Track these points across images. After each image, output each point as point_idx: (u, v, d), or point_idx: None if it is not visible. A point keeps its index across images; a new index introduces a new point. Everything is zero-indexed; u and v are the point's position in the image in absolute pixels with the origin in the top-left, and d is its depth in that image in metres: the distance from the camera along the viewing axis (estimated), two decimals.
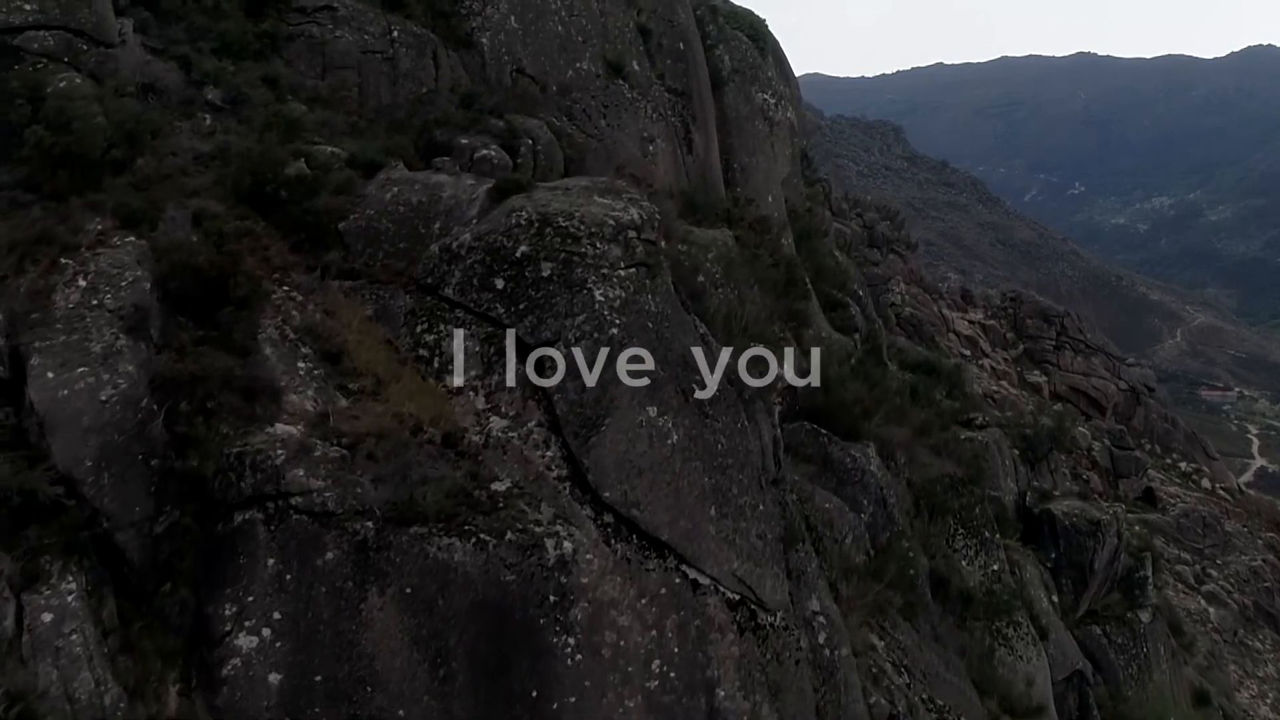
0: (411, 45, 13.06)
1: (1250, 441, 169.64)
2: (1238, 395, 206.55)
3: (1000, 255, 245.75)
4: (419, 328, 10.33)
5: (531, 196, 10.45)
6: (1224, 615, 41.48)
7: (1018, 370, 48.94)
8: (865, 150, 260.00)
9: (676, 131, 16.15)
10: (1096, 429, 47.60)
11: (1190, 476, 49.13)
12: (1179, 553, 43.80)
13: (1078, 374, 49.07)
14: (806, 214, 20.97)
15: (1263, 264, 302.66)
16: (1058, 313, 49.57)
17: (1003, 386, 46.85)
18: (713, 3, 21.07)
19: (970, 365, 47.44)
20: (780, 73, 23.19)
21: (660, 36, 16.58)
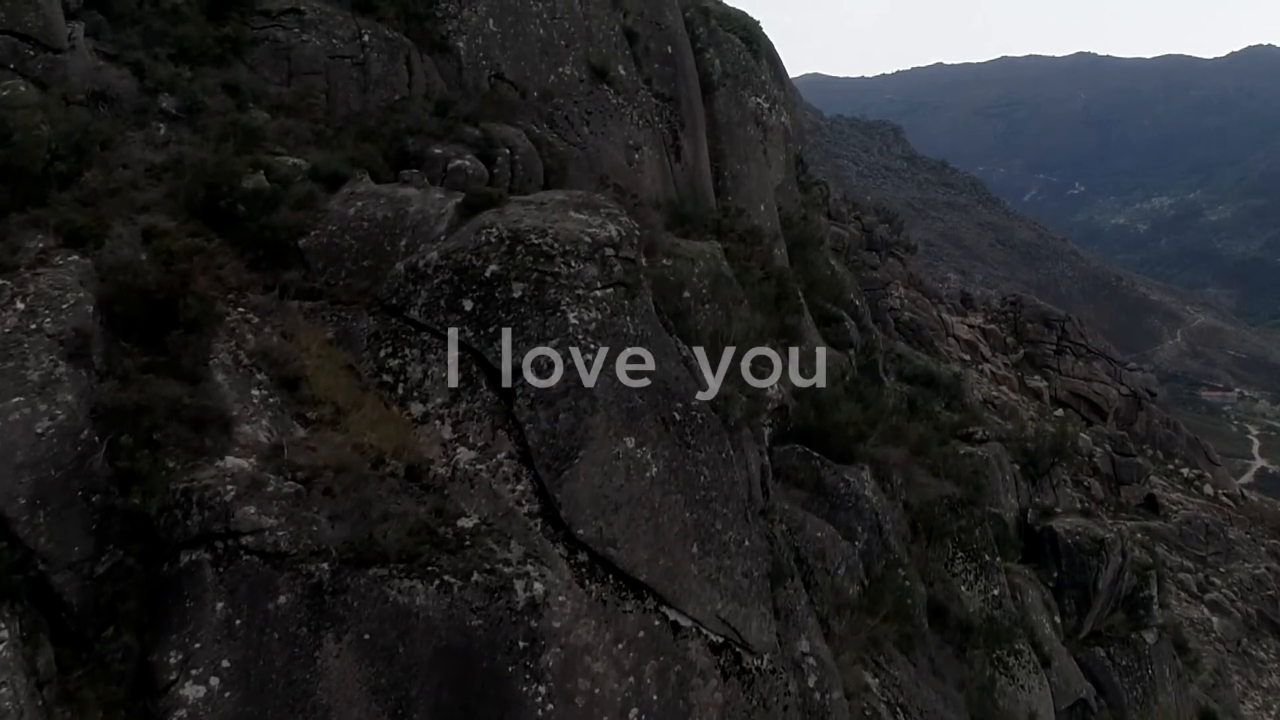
0: (383, 50, 12.42)
1: (1251, 442, 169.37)
2: (1238, 396, 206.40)
3: (1000, 255, 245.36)
4: (382, 351, 9.70)
5: (503, 212, 9.82)
6: (1227, 625, 40.85)
7: (1018, 375, 48.30)
8: (865, 150, 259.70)
9: (664, 138, 15.49)
10: (1098, 435, 46.94)
11: (1192, 482, 48.49)
12: (1181, 560, 43.17)
13: (1079, 379, 48.42)
14: (801, 222, 20.33)
15: (1263, 264, 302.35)
16: (1058, 317, 48.92)
17: (1003, 392, 46.20)
18: (704, 4, 20.43)
19: (970, 370, 46.82)
20: (774, 76, 22.55)
21: (647, 40, 15.90)
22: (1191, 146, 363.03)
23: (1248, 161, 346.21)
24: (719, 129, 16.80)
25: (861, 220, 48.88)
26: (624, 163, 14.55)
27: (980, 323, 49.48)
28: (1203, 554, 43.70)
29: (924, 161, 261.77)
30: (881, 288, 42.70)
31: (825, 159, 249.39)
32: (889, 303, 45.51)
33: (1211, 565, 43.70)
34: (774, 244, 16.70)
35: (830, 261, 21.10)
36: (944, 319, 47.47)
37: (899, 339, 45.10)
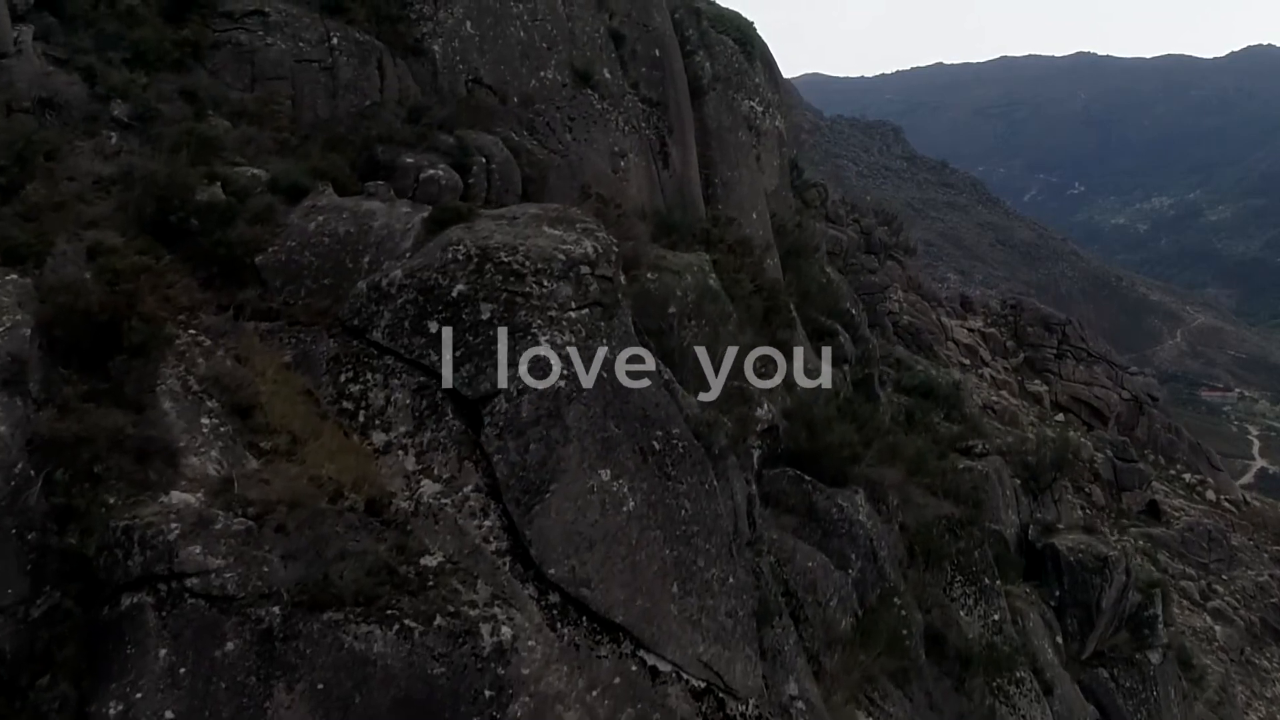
0: (353, 53, 11.80)
1: (1251, 443, 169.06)
2: (1238, 396, 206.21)
3: (1000, 256, 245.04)
4: (343, 376, 9.09)
5: (472, 227, 9.21)
6: (1230, 634, 40.23)
7: (1018, 379, 47.68)
8: (865, 150, 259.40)
9: (651, 145, 14.82)
10: (1099, 440, 46.32)
11: (1195, 488, 47.88)
12: (1184, 568, 42.56)
13: (1079, 383, 47.79)
14: (796, 229, 19.70)
15: (1263, 264, 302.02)
16: (1059, 320, 48.29)
17: (1003, 397, 45.59)
18: (696, 5, 19.80)
19: (970, 375, 46.20)
20: (769, 78, 21.92)
21: (634, 42, 15.24)
22: (1191, 146, 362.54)
23: (1248, 161, 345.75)
24: (709, 135, 16.12)
25: (860, 223, 48.24)
26: (608, 171, 13.90)
27: (980, 326, 48.85)
28: (1205, 561, 43.08)
29: (924, 162, 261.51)
30: (880, 291, 42.09)
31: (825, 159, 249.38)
32: (888, 306, 44.90)
33: (1214, 572, 43.09)
34: (766, 254, 16.00)
35: (826, 269, 20.49)
36: (943, 322, 46.85)
37: (898, 343, 44.50)
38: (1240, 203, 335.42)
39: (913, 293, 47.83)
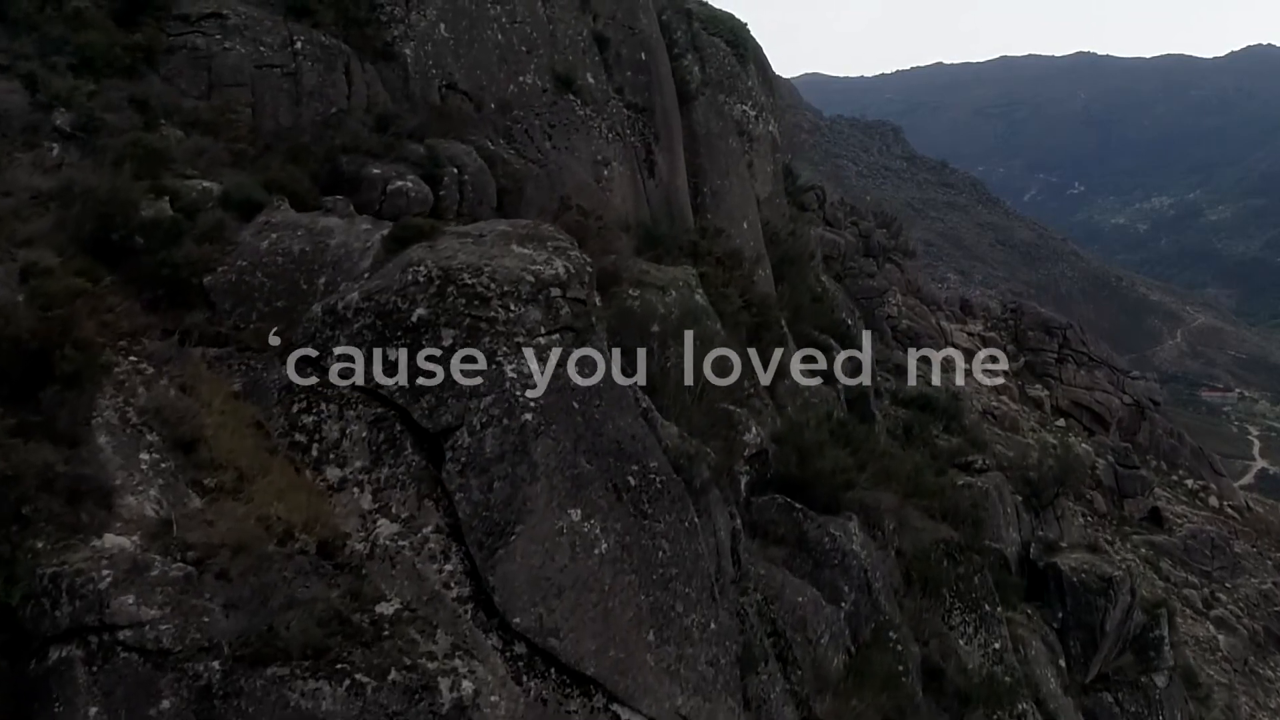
0: (318, 58, 11.15)
1: (1251, 443, 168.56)
2: (1238, 396, 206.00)
3: (1000, 256, 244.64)
4: (295, 407, 8.45)
5: (435, 246, 8.57)
6: (1234, 643, 39.56)
7: (1018, 384, 46.98)
8: (864, 150, 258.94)
9: (636, 153, 14.15)
10: (1100, 445, 45.70)
11: (1197, 494, 47.24)
12: (1186, 576, 41.92)
13: (1080, 388, 47.13)
14: (790, 237, 19.05)
15: (1263, 264, 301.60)
16: (1060, 324, 47.63)
17: (1003, 402, 44.93)
18: (687, 6, 19.15)
19: (970, 380, 45.57)
20: (762, 81, 21.27)
21: (619, 45, 14.56)
22: (1191, 146, 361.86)
23: (1248, 161, 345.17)
24: (698, 141, 15.44)
25: (859, 226, 47.58)
26: (590, 180, 13.23)
27: (980, 330, 48.18)
28: (1208, 569, 42.43)
29: (924, 162, 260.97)
30: (878, 296, 41.44)
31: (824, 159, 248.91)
32: (886, 310, 44.25)
33: (1217, 580, 42.45)
34: (756, 266, 15.32)
35: (821, 278, 19.85)
36: (943, 326, 46.18)
37: (896, 348, 43.87)
38: (1240, 203, 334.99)
39: (912, 296, 47.17)
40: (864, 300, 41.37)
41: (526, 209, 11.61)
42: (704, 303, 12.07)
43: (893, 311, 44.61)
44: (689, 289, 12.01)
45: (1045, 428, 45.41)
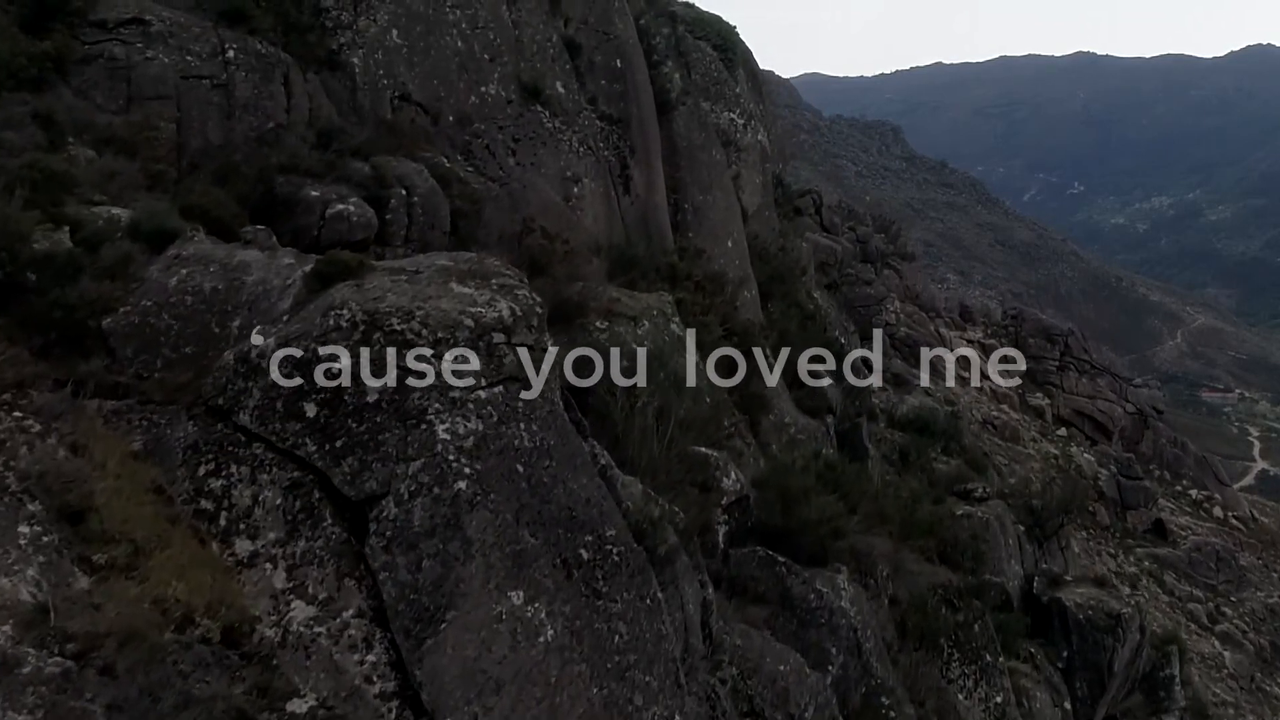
0: (254, 68, 10.07)
1: (1251, 444, 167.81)
2: (1238, 397, 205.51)
3: (999, 256, 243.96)
4: (202, 469, 7.40)
5: (363, 285, 7.52)
6: (1240, 659, 38.52)
7: (1019, 392, 45.96)
8: (864, 150, 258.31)
9: (610, 168, 13.07)
10: (1103, 455, 44.66)
11: (1201, 505, 46.20)
12: (1191, 590, 40.88)
13: (1082, 396, 46.09)
14: (779, 253, 17.95)
15: (1262, 264, 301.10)
16: (1061, 331, 46.57)
17: (1003, 411, 43.90)
18: (672, 8, 18.09)
19: (969, 388, 44.53)
20: (752, 88, 20.22)
21: (592, 52, 13.46)
22: (1191, 146, 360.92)
23: (1247, 161, 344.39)
24: (678, 154, 14.33)
25: (856, 231, 46.51)
26: (558, 199, 12.14)
27: (980, 337, 47.14)
28: (1213, 582, 41.40)
29: (923, 162, 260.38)
30: (876, 304, 40.38)
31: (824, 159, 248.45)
32: (885, 317, 43.21)
33: (1222, 594, 41.41)
34: (740, 288, 14.19)
35: (813, 294, 18.79)
36: (942, 334, 45.14)
37: (895, 356, 42.85)
38: (1240, 203, 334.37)
39: (910, 303, 46.13)
40: (861, 308, 40.33)
41: (485, 232, 10.56)
42: (680, 333, 11.02)
43: (891, 319, 43.58)
44: (664, 318, 10.97)
45: (1046, 437, 44.39)
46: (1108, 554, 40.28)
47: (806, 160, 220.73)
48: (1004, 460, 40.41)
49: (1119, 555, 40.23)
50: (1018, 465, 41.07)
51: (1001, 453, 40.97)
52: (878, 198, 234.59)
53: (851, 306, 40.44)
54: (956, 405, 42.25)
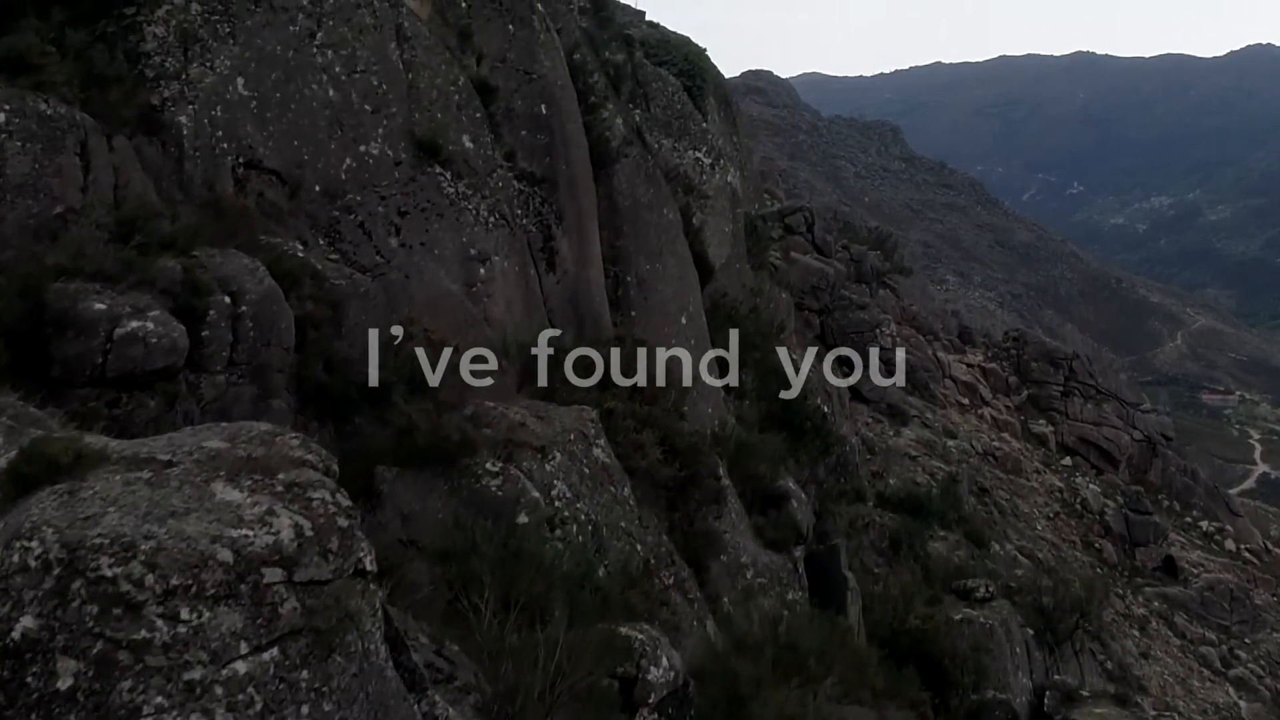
0: (34, 136, 7.56)
1: (1252, 447, 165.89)
2: (1239, 399, 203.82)
3: (999, 257, 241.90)
4: None
5: (77, 493, 5.03)
6: (1256, 708, 35.99)
7: (1021, 419, 43.49)
8: (863, 151, 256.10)
9: (530, 240, 10.53)
10: (1109, 486, 42.18)
11: (1212, 537, 43.75)
12: (1203, 632, 38.41)
13: (1088, 423, 43.58)
14: (751, 315, 15.35)
15: (1262, 264, 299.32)
16: (1065, 355, 44.06)
17: (1004, 440, 41.41)
18: (628, 31, 15.59)
19: (969, 415, 42.05)
20: (724, 118, 17.72)
21: (510, 96, 10.87)
22: (1191, 146, 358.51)
23: (1247, 161, 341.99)
24: (620, 216, 11.70)
25: (850, 250, 44.00)
26: (456, 286, 9.59)
27: (980, 361, 44.63)
28: (1227, 623, 38.94)
29: (922, 162, 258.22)
30: (870, 330, 37.87)
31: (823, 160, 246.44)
32: (880, 341, 40.68)
33: (1236, 636, 38.95)
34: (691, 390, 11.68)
35: (792, 355, 16.26)
36: (940, 358, 42.65)
37: (889, 382, 40.34)
38: (1240, 202, 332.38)
39: (907, 325, 43.62)
40: (854, 334, 37.88)
41: (349, 340, 8.07)
42: (608, 460, 8.55)
43: (887, 343, 41.04)
44: (585, 443, 8.50)
45: (1050, 468, 41.94)
46: (1115, 594, 37.79)
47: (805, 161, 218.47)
48: (1005, 496, 37.97)
49: (1127, 595, 37.78)
50: (1020, 500, 38.64)
51: (1003, 487, 38.52)
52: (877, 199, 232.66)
53: (844, 333, 37.97)
54: (957, 435, 39.82)
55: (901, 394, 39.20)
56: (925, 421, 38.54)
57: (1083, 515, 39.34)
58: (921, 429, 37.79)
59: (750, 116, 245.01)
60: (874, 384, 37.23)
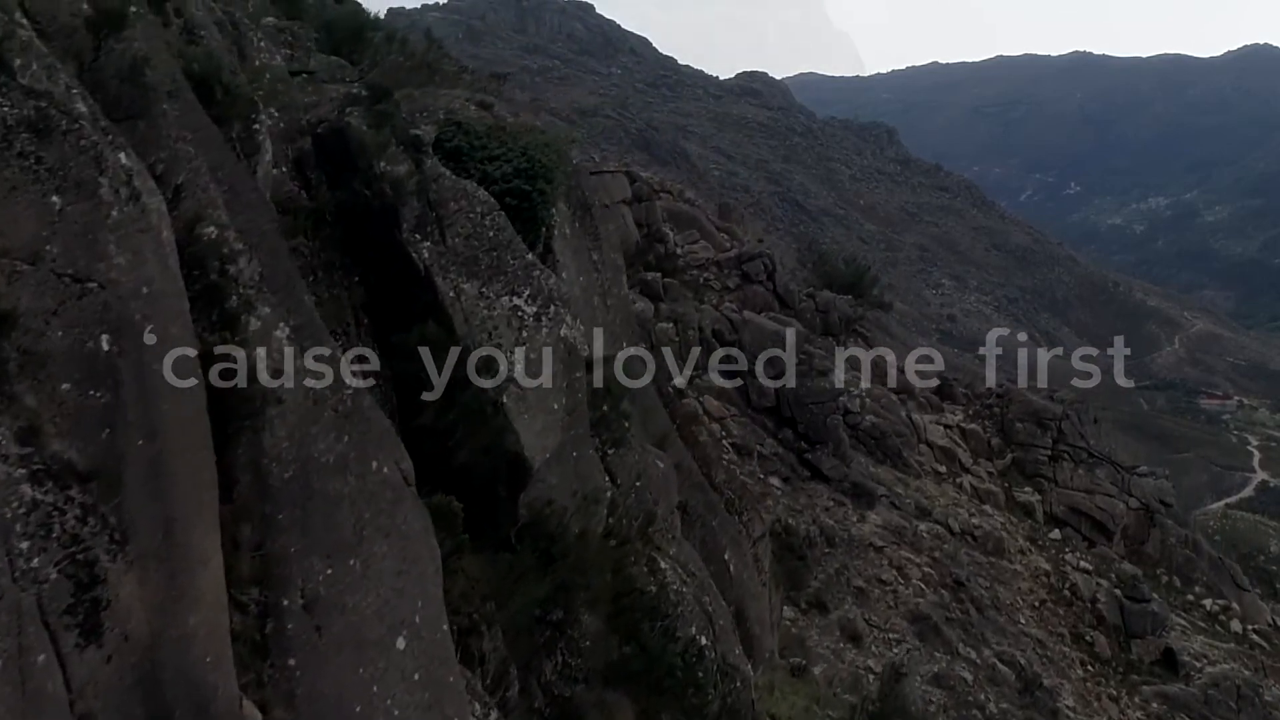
0: None
1: (1251, 454, 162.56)
2: (1237, 404, 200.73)
3: (995, 261, 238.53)
4: None
5: None
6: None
7: (1005, 487, 38.70)
8: (858, 154, 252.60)
9: (42, 599, 5.77)
10: (1103, 561, 37.39)
11: (1216, 617, 39.04)
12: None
13: (1079, 491, 38.78)
14: (586, 533, 10.55)
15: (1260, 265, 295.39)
16: (1054, 415, 39.23)
17: (985, 514, 36.60)
18: (416, 131, 10.97)
19: (947, 486, 37.27)
20: (581, 232, 13.00)
21: (41, 326, 6.13)
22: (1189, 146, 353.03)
23: (1245, 161, 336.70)
24: (270, 496, 6.50)
25: (815, 299, 39.17)
26: None
27: (960, 421, 39.80)
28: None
29: (918, 164, 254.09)
30: (832, 400, 33.10)
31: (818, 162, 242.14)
32: (847, 404, 35.95)
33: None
34: None
35: (661, 564, 11.55)
36: (914, 420, 37.84)
37: (859, 451, 35.64)
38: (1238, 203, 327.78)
39: (878, 382, 38.82)
40: (814, 405, 33.12)
41: None
42: None
43: (855, 406, 36.30)
44: None
45: (1036, 544, 37.17)
46: (1108, 696, 33.07)
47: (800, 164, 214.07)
48: (985, 584, 33.18)
49: (1121, 697, 33.03)
50: (1001, 588, 33.87)
51: (982, 573, 33.72)
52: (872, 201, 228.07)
53: (802, 404, 33.23)
54: (931, 512, 35.06)
55: (868, 468, 34.48)
56: (895, 500, 33.78)
57: (1072, 603, 34.59)
58: (890, 511, 33.05)
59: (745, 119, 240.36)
60: (834, 461, 32.54)
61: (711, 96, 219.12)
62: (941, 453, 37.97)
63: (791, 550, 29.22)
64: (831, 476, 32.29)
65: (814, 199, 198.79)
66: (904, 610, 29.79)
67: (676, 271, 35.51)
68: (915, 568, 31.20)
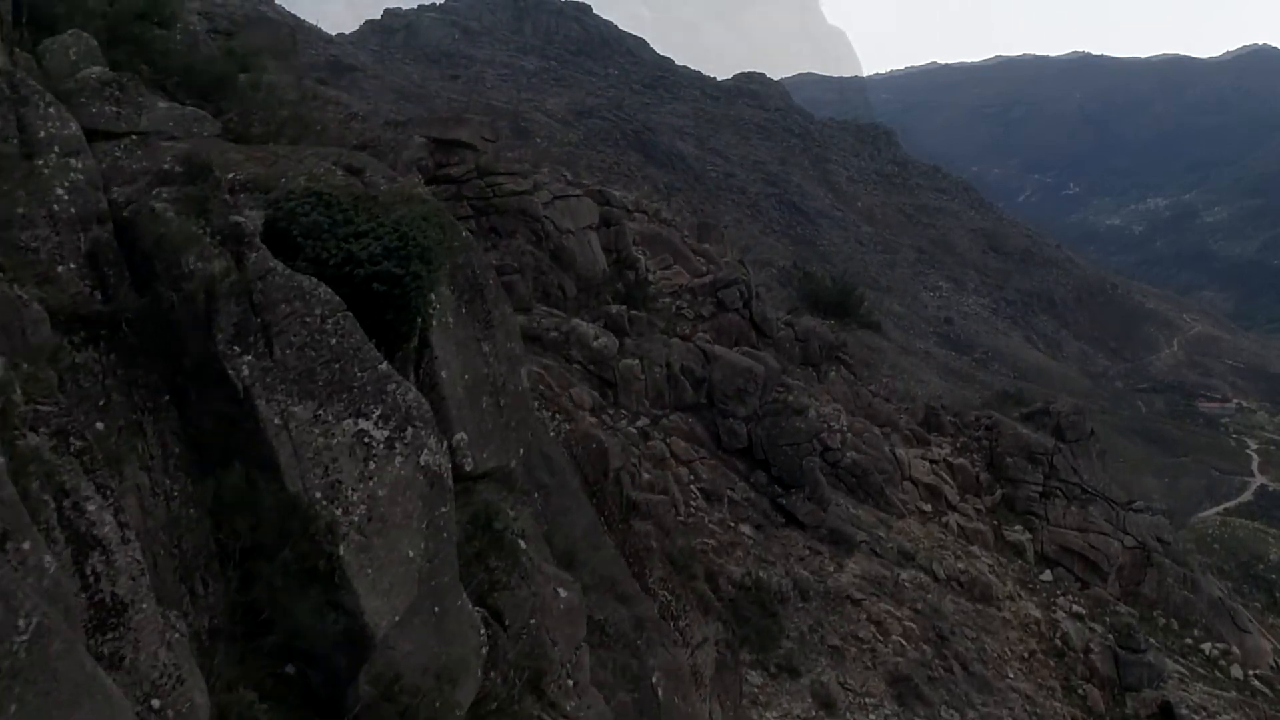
0: None
1: (1250, 458, 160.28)
2: (1236, 407, 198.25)
3: (993, 262, 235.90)
4: None
5: None
6: None
7: (993, 525, 36.49)
8: (855, 155, 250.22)
9: None
10: (1096, 604, 35.20)
11: (1216, 662, 36.92)
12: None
13: (1071, 529, 36.56)
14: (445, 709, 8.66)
15: (1260, 266, 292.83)
16: (1045, 450, 37.01)
17: (972, 557, 34.40)
18: (237, 219, 8.88)
19: (932, 525, 35.09)
20: (468, 318, 10.91)
21: None
22: (1188, 146, 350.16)
23: (1245, 162, 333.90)
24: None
25: (794, 328, 36.98)
26: None
27: (946, 455, 37.55)
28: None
29: (915, 166, 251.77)
30: (808, 440, 30.90)
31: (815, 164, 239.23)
32: (827, 440, 33.74)
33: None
34: None
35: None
36: (898, 456, 35.59)
37: (839, 490, 33.45)
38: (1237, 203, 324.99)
39: (860, 414, 36.62)
40: (789, 447, 30.93)
41: None
42: None
43: (835, 442, 34.08)
44: None
45: (1026, 587, 35.00)
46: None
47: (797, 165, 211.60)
48: (971, 635, 31.03)
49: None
50: (988, 639, 31.75)
51: (969, 623, 31.54)
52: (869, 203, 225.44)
53: (775, 445, 31.04)
54: (915, 557, 32.88)
55: (848, 509, 32.29)
56: (876, 546, 31.55)
57: (1064, 654, 32.36)
58: (870, 559, 30.83)
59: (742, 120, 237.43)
60: (810, 506, 30.36)
61: (708, 97, 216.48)
62: (927, 490, 35.76)
63: (762, 606, 27.04)
64: (807, 523, 30.07)
65: (811, 200, 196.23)
66: (883, 671, 27.59)
67: (647, 300, 33.28)
68: (896, 622, 29.00)
